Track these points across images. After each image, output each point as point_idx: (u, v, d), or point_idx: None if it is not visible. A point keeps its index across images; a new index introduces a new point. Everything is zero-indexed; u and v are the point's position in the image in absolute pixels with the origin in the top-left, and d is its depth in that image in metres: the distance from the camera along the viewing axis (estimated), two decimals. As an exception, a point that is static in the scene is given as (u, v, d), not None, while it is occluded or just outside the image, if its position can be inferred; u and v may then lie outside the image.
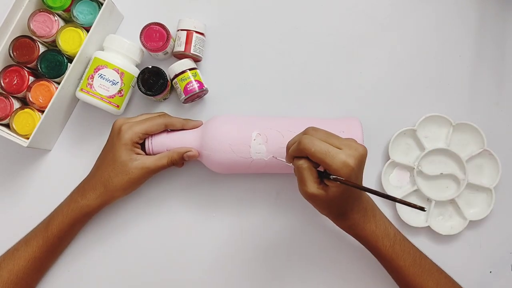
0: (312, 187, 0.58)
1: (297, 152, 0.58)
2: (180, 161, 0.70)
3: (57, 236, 0.70)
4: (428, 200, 0.75)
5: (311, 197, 0.59)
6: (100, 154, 0.72)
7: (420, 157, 0.75)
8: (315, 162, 0.58)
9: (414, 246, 0.67)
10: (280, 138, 0.67)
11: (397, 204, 0.75)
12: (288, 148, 0.61)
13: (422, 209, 0.53)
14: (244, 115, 0.73)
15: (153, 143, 0.70)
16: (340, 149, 0.57)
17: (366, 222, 0.64)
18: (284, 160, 0.63)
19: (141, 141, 0.70)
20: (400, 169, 0.77)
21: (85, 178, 0.72)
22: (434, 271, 0.66)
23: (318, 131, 0.59)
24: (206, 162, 0.71)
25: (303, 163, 0.58)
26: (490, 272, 0.76)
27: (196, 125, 0.72)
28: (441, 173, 0.75)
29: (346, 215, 0.63)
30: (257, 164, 0.69)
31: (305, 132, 0.59)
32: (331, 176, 0.57)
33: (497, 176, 0.75)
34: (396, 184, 0.76)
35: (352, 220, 0.63)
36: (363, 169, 0.60)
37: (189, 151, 0.69)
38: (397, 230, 0.66)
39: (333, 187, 0.58)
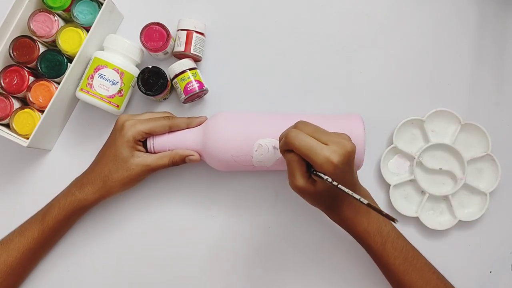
0: (300, 180, 0.58)
1: (284, 145, 0.59)
2: (181, 163, 0.70)
3: (52, 229, 0.70)
4: (423, 192, 0.76)
5: (299, 190, 0.60)
6: (101, 149, 0.72)
7: (422, 149, 0.75)
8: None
9: (408, 244, 0.66)
10: None
11: (391, 190, 0.75)
12: (280, 139, 0.62)
13: (393, 220, 0.53)
14: (244, 113, 0.73)
15: (155, 144, 0.70)
16: (326, 144, 0.57)
17: (358, 218, 0.64)
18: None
19: (143, 139, 0.70)
20: (400, 157, 0.77)
21: (84, 172, 0.72)
22: (426, 271, 0.66)
23: (307, 125, 0.59)
24: (207, 162, 0.71)
25: (292, 156, 0.58)
26: (490, 272, 0.76)
27: (200, 122, 0.72)
28: (441, 169, 0.75)
29: (337, 210, 0.63)
30: (259, 169, 0.70)
31: (294, 126, 0.60)
32: (315, 171, 0.57)
33: (495, 183, 0.75)
34: (394, 170, 0.76)
35: (342, 215, 0.64)
36: (352, 166, 0.59)
37: (191, 155, 0.70)
38: (392, 227, 0.66)
39: (319, 182, 0.58)
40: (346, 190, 0.56)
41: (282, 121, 0.70)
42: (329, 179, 0.56)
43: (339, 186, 0.56)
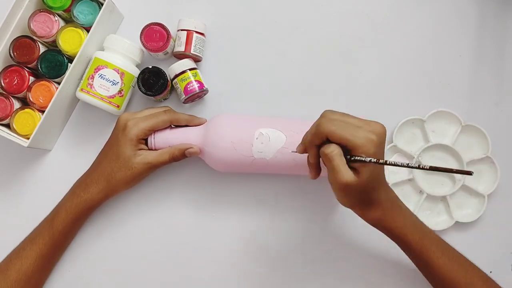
0: (347, 174, 0.53)
1: (316, 136, 0.55)
2: (182, 158, 0.70)
3: (62, 232, 0.70)
4: (421, 192, 0.76)
5: (345, 187, 0.54)
6: (103, 148, 0.72)
7: (422, 148, 0.75)
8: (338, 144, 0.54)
9: (440, 237, 0.65)
10: (282, 138, 0.67)
11: None
12: (305, 138, 0.58)
13: (469, 173, 0.51)
14: (247, 114, 0.73)
15: (156, 140, 0.70)
16: (359, 126, 0.55)
17: (395, 214, 0.61)
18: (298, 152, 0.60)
19: (146, 137, 0.70)
20: (400, 156, 0.77)
21: (86, 172, 0.72)
22: (462, 262, 0.65)
23: (334, 112, 0.56)
24: (207, 159, 0.71)
25: (334, 149, 0.54)
26: (490, 272, 0.76)
27: (200, 123, 0.72)
28: None
29: (375, 205, 0.59)
30: (258, 164, 0.69)
31: (321, 115, 0.57)
32: (354, 157, 0.54)
33: (493, 185, 0.75)
34: (393, 169, 0.76)
35: (381, 210, 0.59)
36: (384, 148, 0.57)
37: (190, 147, 0.69)
38: (422, 222, 0.64)
39: (364, 170, 0.54)
40: (399, 162, 0.53)
41: (286, 121, 0.70)
42: (375, 160, 0.53)
43: (388, 161, 0.53)
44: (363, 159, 0.53)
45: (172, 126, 0.72)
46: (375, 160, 0.54)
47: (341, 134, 0.54)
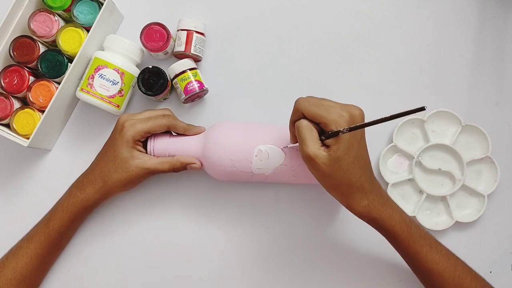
0: (313, 146, 0.56)
1: (293, 114, 0.59)
2: (182, 170, 0.70)
3: (58, 232, 0.70)
4: (421, 192, 0.76)
5: (312, 159, 0.56)
6: (102, 149, 0.72)
7: (422, 148, 0.75)
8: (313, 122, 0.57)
9: (428, 232, 0.65)
10: (281, 155, 0.67)
11: (389, 189, 0.75)
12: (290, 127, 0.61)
13: (422, 109, 0.51)
14: (246, 122, 0.73)
15: (156, 147, 0.70)
16: (333, 106, 0.57)
17: (382, 205, 0.61)
18: (292, 145, 0.64)
19: (143, 139, 0.70)
20: (400, 156, 0.77)
21: (84, 172, 0.72)
22: (451, 256, 0.65)
23: (313, 96, 0.59)
24: (207, 171, 0.71)
25: (302, 121, 0.57)
26: (490, 272, 0.76)
27: (198, 132, 0.72)
28: (439, 169, 0.75)
29: (357, 196, 0.59)
30: (257, 177, 0.69)
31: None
32: (329, 132, 0.56)
33: (493, 185, 0.75)
34: (393, 169, 0.76)
35: (367, 199, 0.60)
36: (364, 135, 0.59)
37: (193, 163, 0.69)
38: (410, 217, 0.64)
39: (336, 146, 0.56)
40: (371, 122, 0.54)
41: (282, 131, 0.70)
42: (346, 129, 0.54)
43: (359, 124, 0.54)
44: (334, 131, 0.55)
45: (171, 134, 0.72)
46: (346, 128, 0.55)
47: (314, 110, 0.57)
